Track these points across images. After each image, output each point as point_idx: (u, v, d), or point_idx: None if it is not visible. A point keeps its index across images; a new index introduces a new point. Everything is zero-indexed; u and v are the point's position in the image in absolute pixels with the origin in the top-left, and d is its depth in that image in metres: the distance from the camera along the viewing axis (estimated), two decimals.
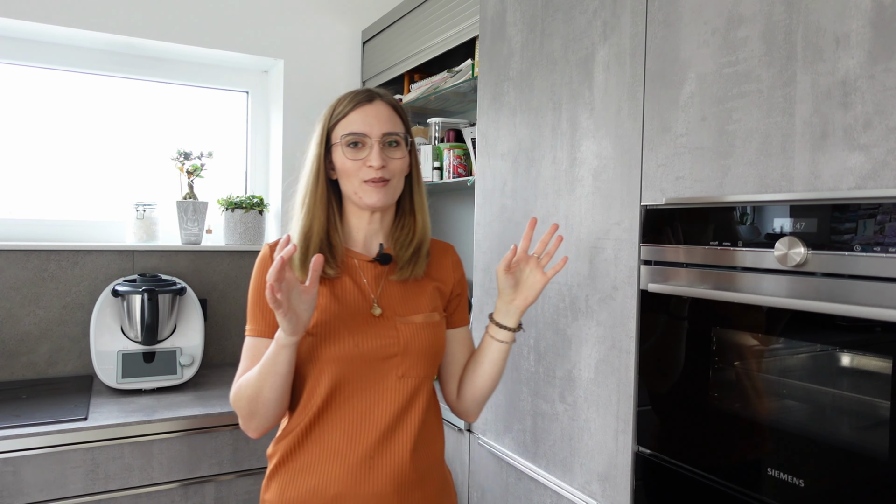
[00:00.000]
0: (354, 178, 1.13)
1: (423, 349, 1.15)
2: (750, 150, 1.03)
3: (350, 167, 1.12)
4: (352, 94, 1.16)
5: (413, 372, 1.14)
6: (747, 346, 1.05)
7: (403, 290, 1.18)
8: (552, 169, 1.48)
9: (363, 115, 1.13)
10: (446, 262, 1.27)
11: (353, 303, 1.14)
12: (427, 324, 1.16)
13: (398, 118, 1.17)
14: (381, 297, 1.16)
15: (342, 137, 1.13)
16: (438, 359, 1.20)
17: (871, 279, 0.85)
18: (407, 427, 1.13)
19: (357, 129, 1.12)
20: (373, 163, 1.11)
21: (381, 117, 1.14)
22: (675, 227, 1.16)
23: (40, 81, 2.36)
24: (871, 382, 0.87)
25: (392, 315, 1.15)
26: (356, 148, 1.12)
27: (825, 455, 0.92)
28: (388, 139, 1.14)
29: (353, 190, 1.14)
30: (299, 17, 2.58)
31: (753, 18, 1.03)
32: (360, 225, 1.19)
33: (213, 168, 2.55)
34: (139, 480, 1.78)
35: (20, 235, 2.30)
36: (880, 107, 0.86)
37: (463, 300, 1.29)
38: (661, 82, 1.20)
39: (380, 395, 1.12)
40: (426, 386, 1.18)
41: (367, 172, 1.12)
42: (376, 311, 1.14)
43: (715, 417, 1.08)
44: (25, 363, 2.19)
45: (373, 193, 1.12)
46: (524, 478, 1.57)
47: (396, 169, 1.15)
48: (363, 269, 1.18)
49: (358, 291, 1.15)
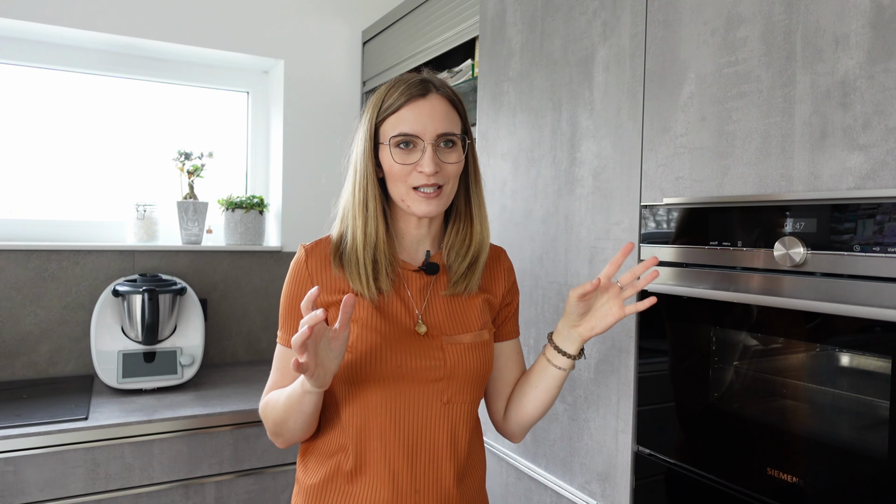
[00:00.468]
0: (402, 183, 1.01)
1: (471, 373, 1.04)
2: (749, 151, 1.03)
3: (398, 171, 1.00)
4: (404, 85, 1.02)
5: (459, 398, 1.03)
6: (747, 346, 1.05)
7: (451, 304, 1.07)
8: (552, 169, 1.48)
9: (416, 112, 1.00)
10: (498, 270, 1.16)
11: (397, 318, 1.03)
12: (476, 344, 1.05)
13: (455, 114, 1.04)
14: (427, 312, 1.05)
15: (391, 139, 1.00)
16: (486, 381, 1.10)
17: (870, 279, 0.86)
18: (452, 456, 1.03)
19: (408, 130, 0.99)
20: (425, 168, 0.98)
21: (436, 115, 1.00)
22: (674, 227, 1.16)
23: (40, 81, 2.36)
24: (871, 382, 0.87)
25: (438, 334, 1.04)
26: (406, 150, 1.00)
27: (825, 455, 0.92)
28: (444, 139, 1.01)
29: (400, 196, 1.02)
30: (299, 17, 2.59)
31: (753, 19, 1.03)
32: (407, 229, 1.08)
33: (214, 168, 2.55)
34: (139, 480, 1.78)
35: (21, 235, 2.30)
36: (879, 107, 0.86)
37: (514, 310, 1.19)
38: (660, 82, 1.20)
39: (423, 421, 1.01)
40: (472, 411, 1.08)
41: (418, 178, 1.00)
42: (421, 328, 1.03)
43: (715, 417, 1.08)
44: (26, 363, 2.19)
45: (422, 203, 1.01)
46: (524, 477, 1.57)
47: (451, 174, 1.02)
48: (407, 280, 1.06)
49: (401, 305, 1.04)
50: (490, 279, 1.14)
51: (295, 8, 2.57)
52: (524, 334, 1.57)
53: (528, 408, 1.12)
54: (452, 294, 1.07)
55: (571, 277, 1.42)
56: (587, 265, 1.37)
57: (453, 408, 1.03)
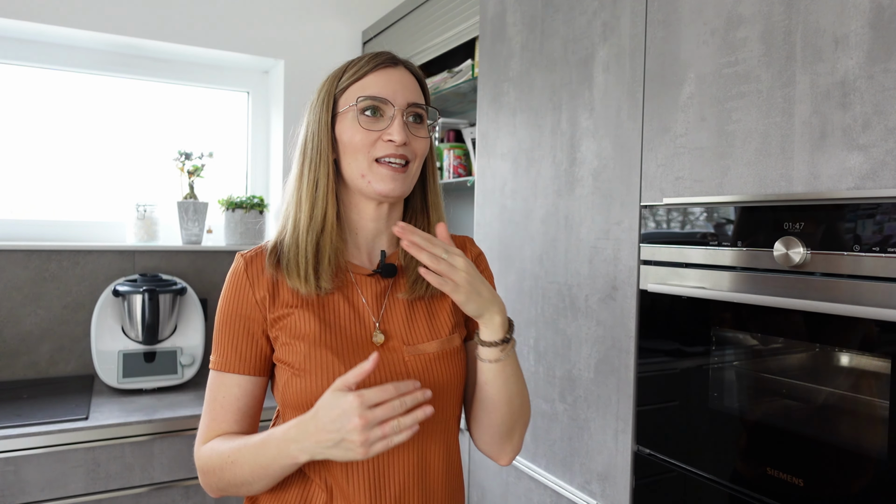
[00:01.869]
0: (363, 155, 0.89)
1: (440, 386, 0.91)
2: (749, 151, 1.03)
3: (361, 141, 0.88)
4: (369, 56, 0.93)
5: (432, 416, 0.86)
6: (747, 345, 1.05)
7: (413, 308, 0.95)
8: (552, 169, 1.49)
9: (386, 78, 0.91)
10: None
11: (349, 329, 0.90)
12: (444, 353, 0.92)
13: (421, 91, 0.96)
14: (385, 319, 0.93)
15: (358, 101, 0.89)
16: (460, 396, 0.96)
17: (870, 279, 0.86)
18: (421, 494, 0.89)
19: (377, 93, 0.89)
20: (394, 136, 0.87)
21: (406, 83, 0.92)
22: (674, 227, 1.16)
23: (40, 81, 2.36)
24: (871, 382, 0.87)
25: (398, 344, 0.91)
26: (373, 117, 0.89)
27: (825, 455, 0.92)
28: (413, 111, 0.92)
29: (359, 171, 0.90)
30: (299, 17, 2.59)
31: (753, 19, 1.03)
32: (361, 222, 0.95)
33: (214, 168, 2.55)
34: (140, 480, 1.78)
35: (21, 235, 2.30)
36: (879, 107, 0.86)
37: None
38: (660, 82, 1.20)
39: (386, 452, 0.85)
40: (446, 436, 0.93)
41: (384, 148, 0.88)
42: (378, 338, 0.91)
43: (714, 417, 1.09)
44: (26, 363, 2.19)
45: (387, 178, 0.89)
46: (524, 477, 1.57)
47: (419, 150, 0.92)
48: (360, 284, 0.94)
49: (354, 314, 0.91)
50: None
51: (295, 8, 2.58)
52: (524, 334, 1.57)
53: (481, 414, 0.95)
54: (413, 297, 0.94)
55: (571, 277, 1.42)
56: (587, 265, 1.37)
57: (425, 429, 0.87)
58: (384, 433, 0.74)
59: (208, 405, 0.93)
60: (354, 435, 0.74)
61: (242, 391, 0.92)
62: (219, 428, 0.92)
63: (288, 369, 0.89)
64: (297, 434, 0.80)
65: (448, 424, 0.95)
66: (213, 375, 0.94)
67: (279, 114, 2.62)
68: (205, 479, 0.91)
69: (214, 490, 0.91)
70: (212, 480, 0.90)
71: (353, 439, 0.74)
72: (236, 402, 0.92)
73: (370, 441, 0.74)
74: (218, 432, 0.92)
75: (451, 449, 0.95)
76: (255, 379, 0.93)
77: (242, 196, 2.55)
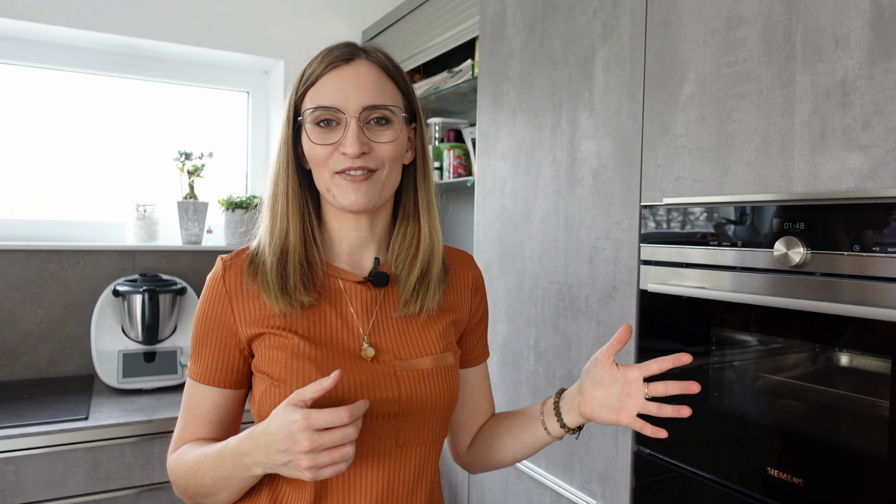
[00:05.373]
0: (324, 169, 0.83)
1: (433, 406, 0.86)
2: (749, 151, 1.03)
3: (319, 154, 0.83)
4: (323, 53, 0.85)
5: (418, 437, 0.85)
6: (747, 345, 1.05)
7: (405, 322, 0.89)
8: (552, 169, 1.49)
9: (337, 80, 0.82)
10: (465, 280, 0.97)
11: (336, 341, 0.84)
12: (438, 370, 0.87)
13: (390, 83, 0.86)
14: (375, 332, 0.87)
15: (306, 115, 0.84)
16: (451, 416, 0.92)
17: (870, 279, 0.86)
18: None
19: (327, 102, 0.82)
20: (347, 149, 0.80)
21: (361, 84, 0.82)
22: (674, 227, 1.16)
23: (40, 81, 2.36)
24: (871, 382, 0.87)
25: (390, 359, 0.85)
26: (327, 128, 0.83)
27: (825, 455, 0.92)
28: (374, 115, 0.83)
29: (324, 185, 0.85)
30: (299, 17, 2.59)
31: (753, 19, 1.03)
32: (342, 231, 0.89)
33: (214, 168, 2.55)
34: (140, 480, 1.78)
35: (21, 235, 2.30)
36: (879, 107, 0.86)
37: (483, 329, 1.02)
38: (660, 82, 1.20)
39: (369, 467, 0.82)
40: (433, 453, 0.89)
41: (341, 161, 0.82)
42: (367, 352, 0.85)
43: (714, 417, 1.08)
44: (26, 363, 2.19)
45: (348, 190, 0.82)
46: (524, 477, 1.57)
47: (385, 155, 0.83)
48: (350, 293, 0.88)
49: (342, 325, 0.86)
50: (455, 293, 0.96)
51: (295, 8, 2.58)
52: (524, 334, 1.57)
53: (499, 454, 0.96)
54: (406, 315, 0.89)
55: (571, 277, 1.42)
56: (587, 265, 1.37)
57: (411, 451, 0.85)
58: (332, 460, 0.69)
59: (182, 413, 0.90)
60: (301, 459, 0.69)
61: (214, 404, 0.89)
62: (190, 438, 0.89)
63: (266, 379, 0.84)
64: (249, 446, 0.75)
65: (437, 446, 0.90)
66: (188, 383, 0.90)
67: (279, 114, 2.60)
68: (175, 489, 0.88)
69: (188, 498, 0.88)
70: (181, 489, 0.87)
71: (301, 463, 0.69)
72: (208, 415, 0.89)
73: (318, 465, 0.69)
74: (189, 441, 0.89)
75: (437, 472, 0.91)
76: (229, 392, 0.89)
77: (242, 196, 2.55)
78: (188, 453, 0.85)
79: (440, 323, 0.91)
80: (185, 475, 0.84)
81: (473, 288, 0.98)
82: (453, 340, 0.93)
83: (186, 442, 0.89)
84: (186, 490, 0.86)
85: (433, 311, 0.90)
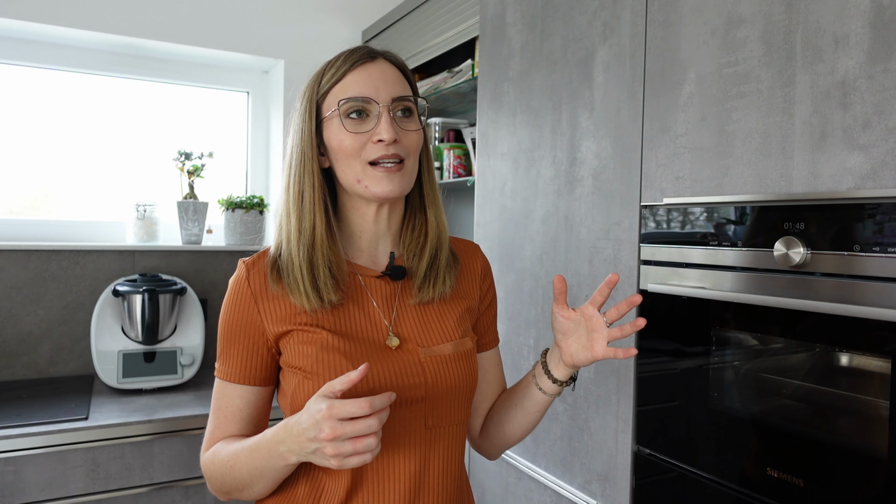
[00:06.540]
0: (356, 160, 0.87)
1: (457, 389, 0.91)
2: (749, 151, 1.03)
3: (351, 145, 0.86)
4: (346, 54, 0.90)
5: (445, 419, 0.90)
6: (747, 345, 1.05)
7: (424, 311, 0.94)
8: (552, 169, 1.49)
9: (365, 75, 0.88)
10: (474, 267, 1.03)
11: (361, 333, 0.89)
12: (459, 355, 0.92)
13: (407, 82, 0.93)
14: (397, 322, 0.91)
15: (339, 105, 0.87)
16: (473, 397, 0.97)
17: (870, 279, 0.86)
18: (438, 489, 0.89)
19: (359, 93, 0.87)
20: (383, 135, 0.85)
21: (387, 77, 0.89)
22: (674, 227, 1.16)
23: (40, 81, 2.36)
24: (871, 382, 0.87)
25: (413, 347, 0.90)
26: (359, 119, 0.87)
27: (825, 455, 0.92)
28: (400, 106, 0.89)
29: (355, 177, 0.88)
30: (299, 17, 2.59)
31: (753, 19, 1.03)
32: (363, 225, 0.93)
33: (214, 168, 2.55)
34: (140, 480, 1.78)
35: (21, 235, 2.30)
36: (879, 107, 0.86)
37: (492, 314, 1.07)
38: (660, 82, 1.20)
39: (402, 451, 0.87)
40: (460, 434, 0.94)
41: (375, 150, 0.86)
42: (392, 341, 0.89)
43: (714, 417, 1.08)
44: (26, 363, 2.19)
45: (384, 180, 0.86)
46: (524, 477, 1.57)
47: (412, 145, 0.89)
48: (371, 288, 0.93)
49: (365, 318, 0.90)
50: (466, 281, 1.01)
51: (295, 8, 2.58)
52: (524, 334, 1.57)
53: (508, 428, 1.01)
54: (422, 302, 0.93)
55: (571, 277, 1.42)
56: (587, 265, 1.37)
57: (439, 432, 0.89)
58: (355, 450, 0.72)
59: (213, 412, 0.94)
60: (326, 447, 0.72)
61: (244, 402, 0.93)
62: (222, 436, 0.93)
63: (298, 373, 0.87)
64: (284, 435, 0.79)
65: (463, 427, 0.95)
66: (218, 383, 0.94)
67: (279, 114, 2.62)
68: (210, 485, 0.93)
69: (221, 494, 0.92)
70: (216, 486, 0.91)
71: (326, 451, 0.73)
72: (239, 413, 0.93)
73: (342, 454, 0.72)
74: (221, 439, 0.93)
75: (463, 447, 0.95)
76: (258, 389, 0.93)
77: (242, 196, 2.55)
78: (223, 449, 0.89)
79: (456, 310, 0.96)
80: (222, 469, 0.88)
81: (482, 274, 1.04)
82: (469, 327, 0.98)
83: (219, 440, 0.92)
84: (223, 485, 0.89)
85: (447, 295, 0.95)
